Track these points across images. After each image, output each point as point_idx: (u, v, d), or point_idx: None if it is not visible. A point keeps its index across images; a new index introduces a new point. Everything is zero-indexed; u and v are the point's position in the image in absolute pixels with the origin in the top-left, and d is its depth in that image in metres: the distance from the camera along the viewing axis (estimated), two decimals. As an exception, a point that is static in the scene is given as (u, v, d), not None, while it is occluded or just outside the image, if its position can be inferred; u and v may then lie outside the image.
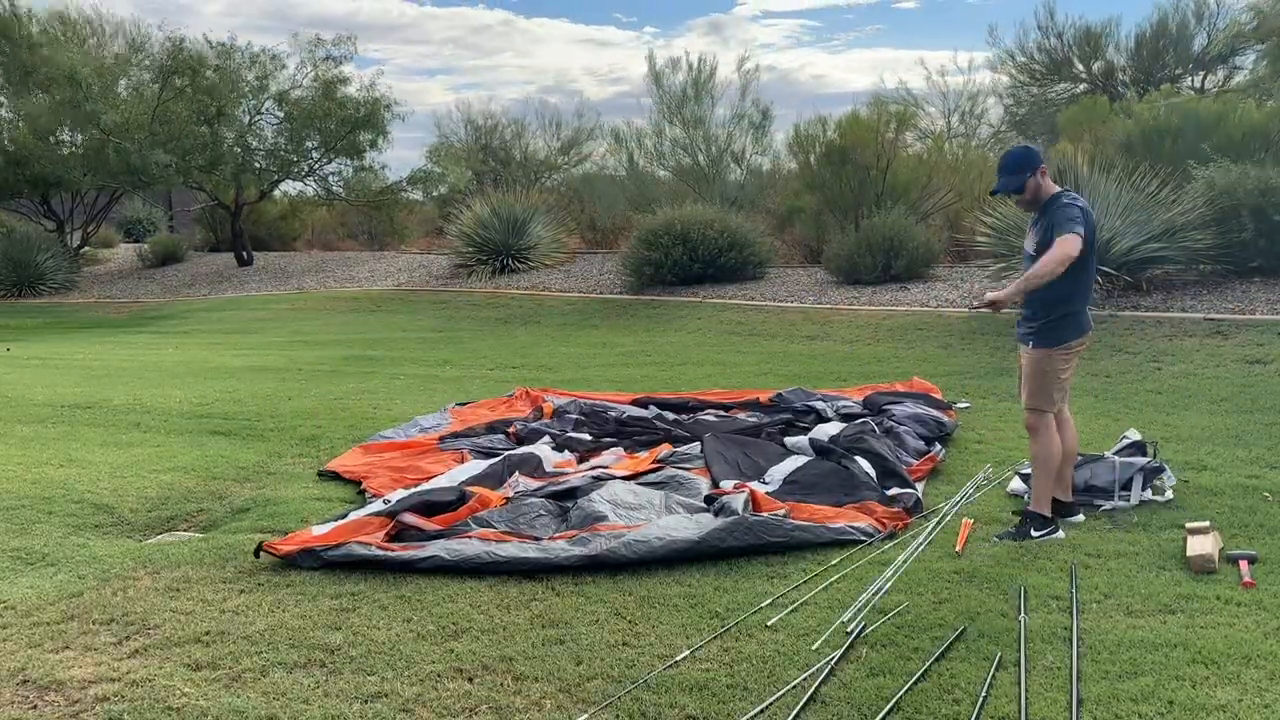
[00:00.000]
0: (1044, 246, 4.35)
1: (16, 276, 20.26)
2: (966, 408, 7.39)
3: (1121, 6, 47.42)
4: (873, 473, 5.29)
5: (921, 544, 4.45)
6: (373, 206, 23.21)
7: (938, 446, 6.02)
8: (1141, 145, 12.81)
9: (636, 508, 4.85)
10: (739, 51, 50.67)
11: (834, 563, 4.25)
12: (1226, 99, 14.48)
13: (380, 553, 4.32)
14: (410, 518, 4.68)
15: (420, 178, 22.92)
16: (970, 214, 13.87)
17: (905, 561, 4.25)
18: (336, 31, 22.76)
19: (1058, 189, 4.54)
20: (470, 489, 5.13)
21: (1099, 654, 3.35)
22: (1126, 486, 4.95)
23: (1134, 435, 5.50)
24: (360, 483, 5.63)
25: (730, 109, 19.10)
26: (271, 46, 26.69)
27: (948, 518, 4.82)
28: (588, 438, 6.55)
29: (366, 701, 3.16)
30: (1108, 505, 4.87)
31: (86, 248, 24.11)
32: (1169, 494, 4.96)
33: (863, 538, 4.52)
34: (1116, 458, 5.09)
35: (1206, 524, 4.31)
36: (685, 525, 4.52)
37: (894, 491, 5.09)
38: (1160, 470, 5.05)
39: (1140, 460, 5.08)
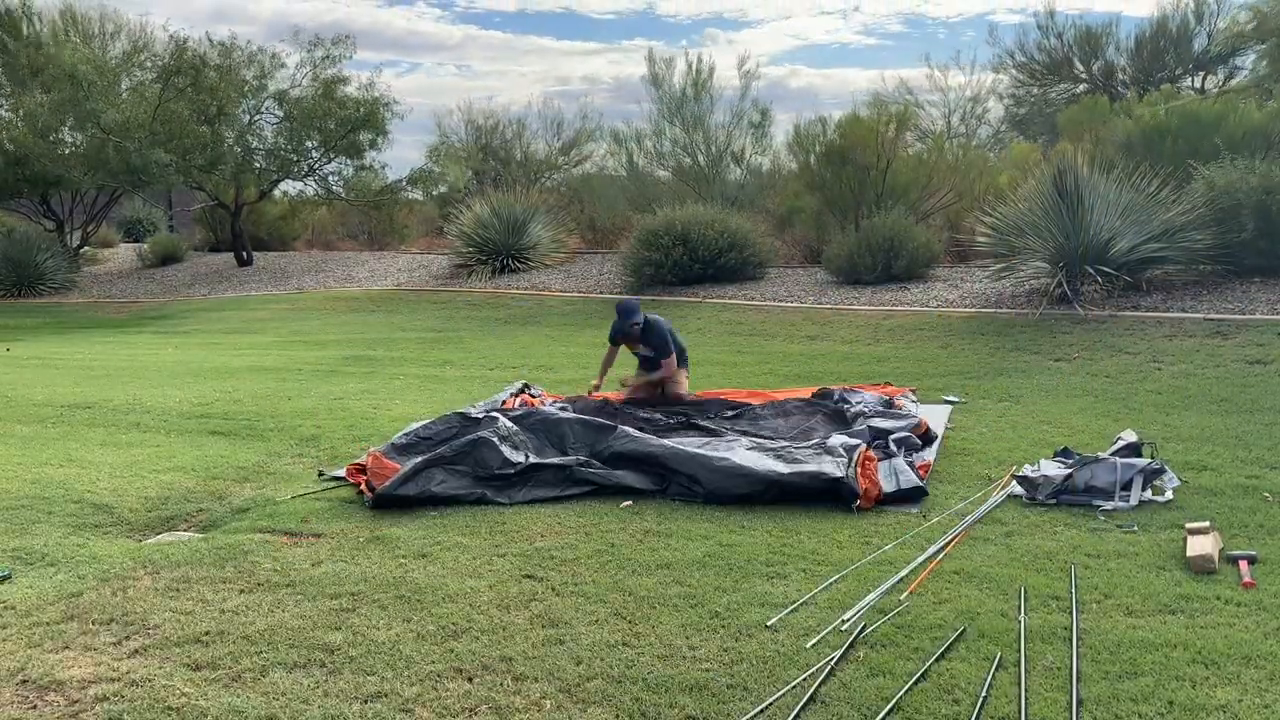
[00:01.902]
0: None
1: (16, 276, 20.26)
2: (958, 402, 7.41)
3: (1121, 6, 47.72)
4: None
5: (918, 541, 4.46)
6: (373, 206, 23.20)
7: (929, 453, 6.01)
8: (1142, 145, 12.82)
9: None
10: (740, 52, 51.15)
11: (834, 563, 4.26)
12: (1227, 99, 14.49)
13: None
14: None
15: (420, 177, 22.91)
16: (970, 214, 13.88)
17: (905, 561, 4.25)
18: (335, 33, 22.61)
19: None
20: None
21: (1099, 654, 3.35)
22: (1126, 487, 4.95)
23: (1130, 437, 5.50)
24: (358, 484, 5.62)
25: (729, 110, 19.13)
26: (270, 46, 26.69)
27: (947, 518, 4.83)
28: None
29: (366, 701, 3.16)
30: (1108, 506, 4.87)
31: (86, 247, 24.10)
32: (1169, 494, 4.96)
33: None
34: (1117, 459, 5.09)
35: (1206, 524, 4.31)
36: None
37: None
38: (1161, 471, 5.06)
39: (1141, 461, 5.08)
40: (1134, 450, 5.31)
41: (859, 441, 5.49)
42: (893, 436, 5.92)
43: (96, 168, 19.50)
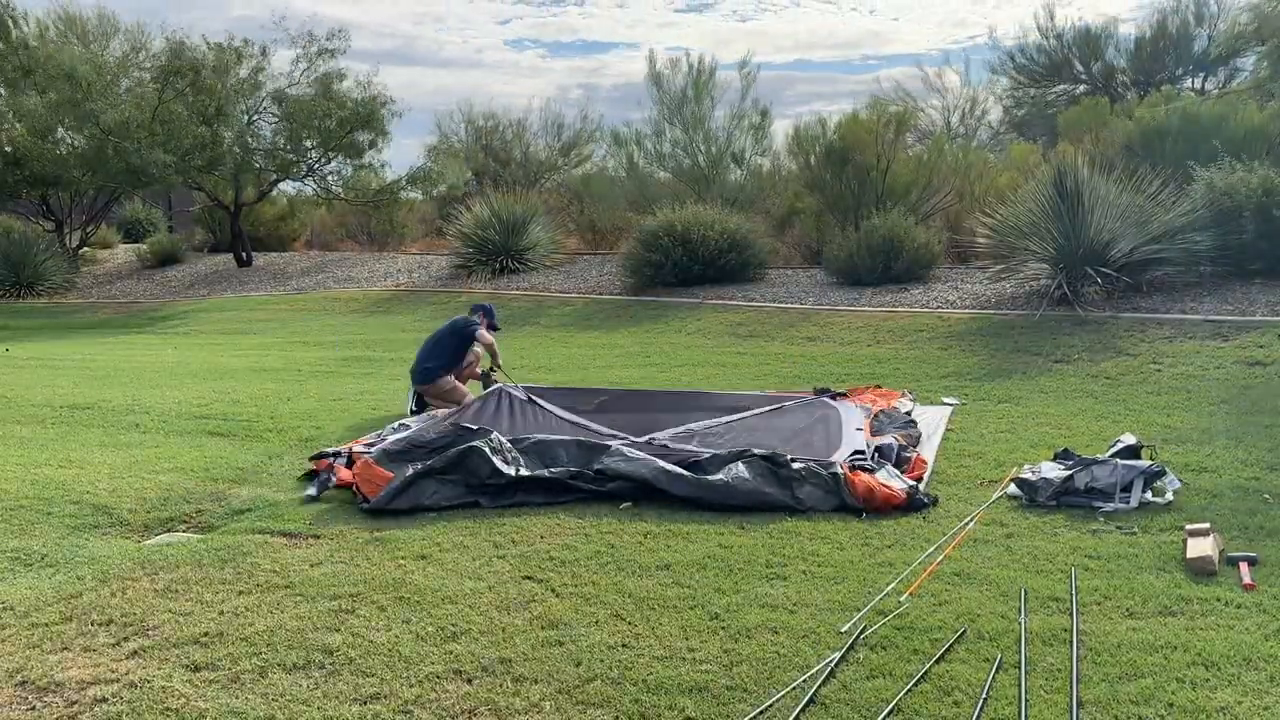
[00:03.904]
0: None
1: (15, 277, 20.22)
2: (957, 404, 7.41)
3: (1121, 7, 48.05)
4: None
5: (918, 543, 4.45)
6: (372, 206, 23.18)
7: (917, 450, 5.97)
8: (1142, 147, 12.82)
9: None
10: (740, 53, 51.64)
11: (834, 564, 4.25)
12: (1227, 100, 14.49)
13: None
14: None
15: (419, 177, 22.88)
16: (970, 215, 13.87)
17: (905, 563, 4.25)
18: (329, 28, 22.50)
19: None
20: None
21: (1099, 656, 3.34)
22: (1127, 489, 4.95)
23: (1129, 439, 5.48)
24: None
25: (730, 109, 19.12)
26: (259, 40, 26.51)
27: (947, 520, 4.82)
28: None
29: (365, 703, 3.16)
30: (1108, 507, 4.87)
31: (85, 248, 24.08)
32: (1169, 496, 4.96)
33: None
34: (1118, 460, 5.09)
35: (1206, 526, 4.31)
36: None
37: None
38: (1161, 474, 5.05)
39: (1142, 464, 5.08)
40: (1133, 453, 5.31)
41: (836, 461, 5.39)
42: (877, 445, 5.81)
43: (96, 168, 19.46)
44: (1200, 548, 4.11)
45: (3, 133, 20.60)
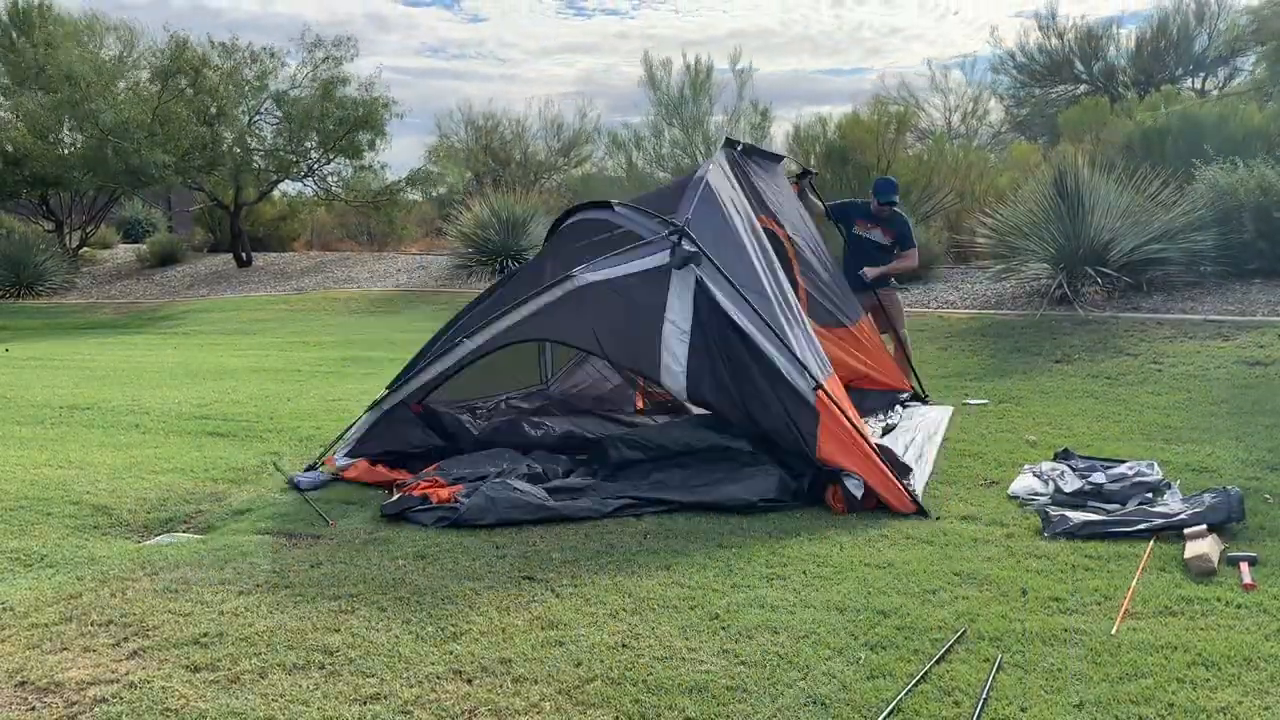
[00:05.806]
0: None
1: (15, 277, 20.24)
2: (982, 403, 7.43)
3: (1123, 7, 48.23)
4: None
5: (919, 543, 4.45)
6: (372, 207, 23.20)
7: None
8: (1142, 146, 12.83)
9: None
10: (733, 51, 51.92)
11: (834, 564, 4.25)
12: (1227, 101, 14.49)
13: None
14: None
15: (419, 177, 22.91)
16: (971, 215, 13.87)
17: (905, 563, 4.25)
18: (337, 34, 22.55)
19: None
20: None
21: (1099, 656, 3.34)
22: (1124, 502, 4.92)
23: (1149, 474, 5.22)
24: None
25: (728, 110, 19.14)
26: (271, 45, 26.58)
27: (947, 519, 4.82)
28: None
29: (365, 703, 3.15)
30: (1108, 507, 4.86)
31: (85, 248, 24.10)
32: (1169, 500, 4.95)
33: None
34: (1128, 479, 5.05)
35: (1204, 526, 4.31)
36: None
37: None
38: (1168, 486, 5.03)
39: (1152, 477, 5.05)
40: (1150, 488, 5.14)
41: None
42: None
43: (96, 168, 19.47)
44: (1198, 547, 4.11)
45: (3, 133, 20.60)
